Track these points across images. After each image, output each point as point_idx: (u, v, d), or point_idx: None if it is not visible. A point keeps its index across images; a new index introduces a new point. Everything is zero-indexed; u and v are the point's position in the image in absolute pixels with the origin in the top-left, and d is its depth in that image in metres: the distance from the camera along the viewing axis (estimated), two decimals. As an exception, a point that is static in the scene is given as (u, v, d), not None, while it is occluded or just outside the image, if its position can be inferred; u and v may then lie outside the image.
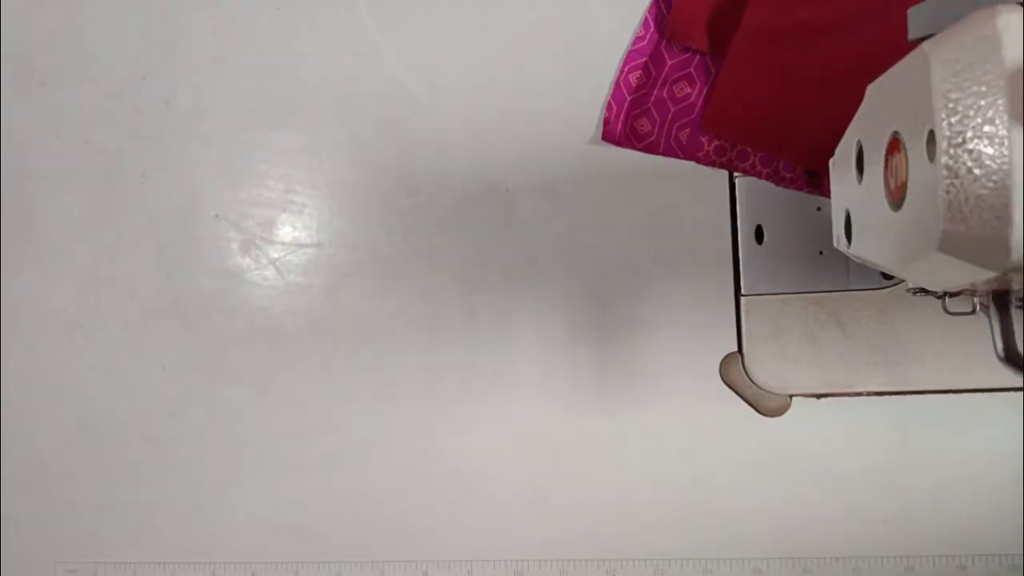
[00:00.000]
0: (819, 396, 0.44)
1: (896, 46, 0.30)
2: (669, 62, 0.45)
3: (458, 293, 0.47)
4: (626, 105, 0.45)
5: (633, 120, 0.45)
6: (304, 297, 0.48)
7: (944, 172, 0.25)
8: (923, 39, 0.28)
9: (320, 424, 0.47)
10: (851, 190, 0.34)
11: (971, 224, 0.25)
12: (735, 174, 0.45)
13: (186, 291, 0.49)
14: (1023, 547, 0.37)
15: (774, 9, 0.42)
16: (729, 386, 0.44)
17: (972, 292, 0.32)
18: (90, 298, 0.49)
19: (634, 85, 0.45)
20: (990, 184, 0.24)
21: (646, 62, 0.45)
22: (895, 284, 0.43)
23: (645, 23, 0.45)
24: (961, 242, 0.25)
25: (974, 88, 0.25)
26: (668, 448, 0.45)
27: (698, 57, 0.44)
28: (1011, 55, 0.24)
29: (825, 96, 0.42)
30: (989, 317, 0.30)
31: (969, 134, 0.25)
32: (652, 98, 0.45)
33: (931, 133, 0.26)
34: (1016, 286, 0.28)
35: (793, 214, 0.45)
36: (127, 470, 0.49)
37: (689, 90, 0.44)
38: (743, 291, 0.45)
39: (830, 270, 0.44)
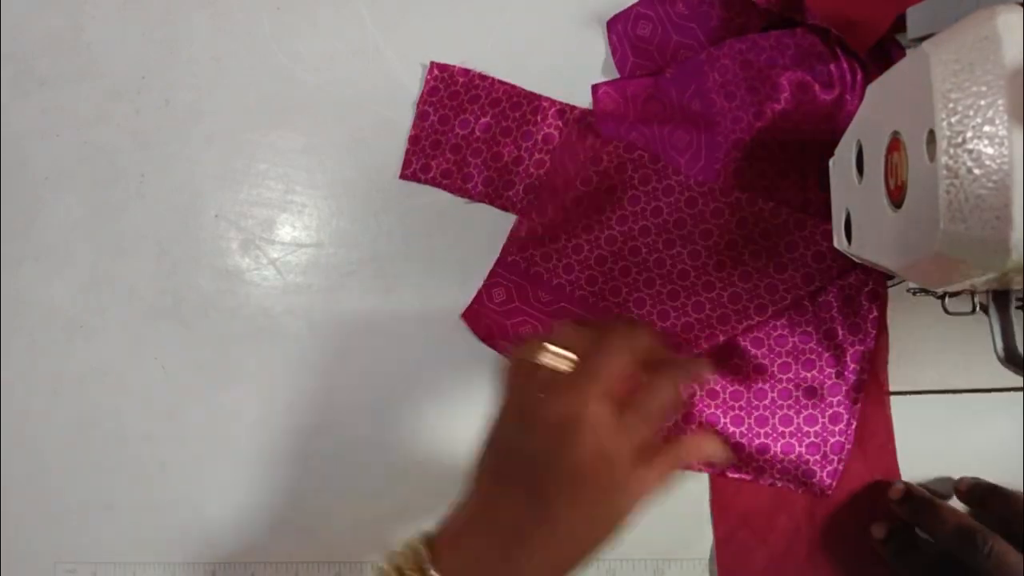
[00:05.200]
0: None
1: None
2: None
3: (458, 293, 0.47)
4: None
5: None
6: (304, 297, 0.48)
7: (944, 172, 0.25)
8: (923, 39, 0.28)
9: (320, 424, 0.47)
10: (851, 190, 0.34)
11: (971, 224, 0.25)
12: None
13: (186, 291, 0.49)
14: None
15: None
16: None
17: (972, 292, 0.32)
18: (90, 298, 0.49)
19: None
20: (990, 184, 0.24)
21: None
22: (895, 284, 0.43)
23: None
24: (961, 242, 0.25)
25: (974, 88, 0.25)
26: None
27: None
28: (1011, 55, 0.24)
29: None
30: (989, 317, 0.30)
31: (969, 134, 0.25)
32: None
33: (931, 133, 0.26)
34: (1016, 286, 0.28)
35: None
36: (127, 470, 0.49)
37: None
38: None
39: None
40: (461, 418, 0.47)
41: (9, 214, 0.50)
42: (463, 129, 0.46)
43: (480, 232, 0.47)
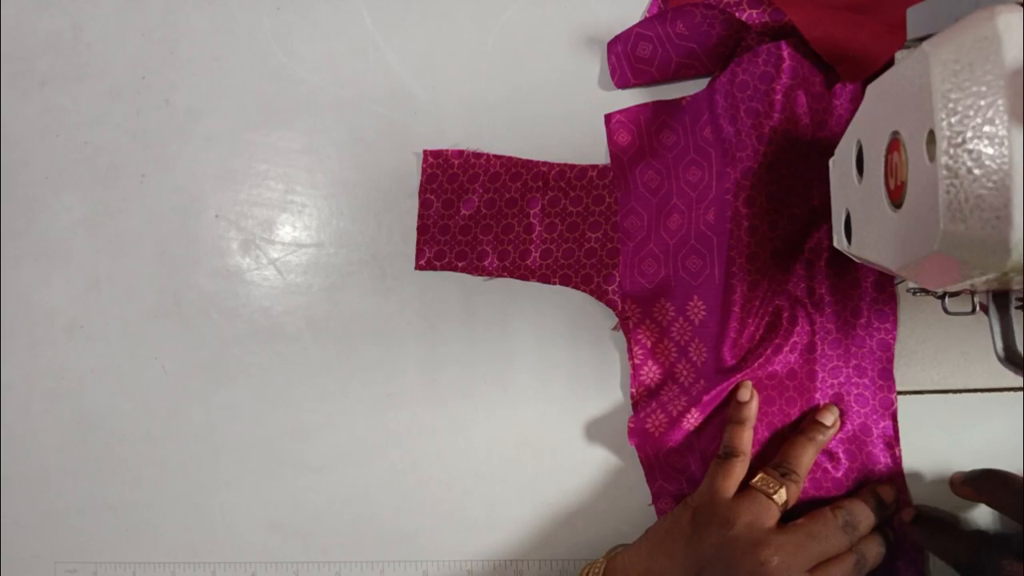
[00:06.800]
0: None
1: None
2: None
3: (458, 293, 0.47)
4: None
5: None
6: (304, 297, 0.48)
7: (944, 172, 0.25)
8: (923, 39, 0.28)
9: (319, 424, 0.47)
10: (851, 190, 0.34)
11: (971, 224, 0.25)
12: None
13: (186, 291, 0.49)
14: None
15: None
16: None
17: (972, 292, 0.32)
18: (90, 298, 0.49)
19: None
20: (990, 184, 0.24)
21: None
22: (895, 284, 0.43)
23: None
24: (961, 242, 0.25)
25: (974, 88, 0.25)
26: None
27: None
28: (1011, 55, 0.24)
29: None
30: (989, 317, 0.30)
31: (969, 134, 0.25)
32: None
33: (931, 133, 0.26)
34: (1016, 286, 0.28)
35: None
36: (127, 470, 0.49)
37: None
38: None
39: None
40: (460, 417, 0.47)
41: (9, 214, 0.50)
42: (468, 209, 0.46)
43: (480, 232, 0.47)
